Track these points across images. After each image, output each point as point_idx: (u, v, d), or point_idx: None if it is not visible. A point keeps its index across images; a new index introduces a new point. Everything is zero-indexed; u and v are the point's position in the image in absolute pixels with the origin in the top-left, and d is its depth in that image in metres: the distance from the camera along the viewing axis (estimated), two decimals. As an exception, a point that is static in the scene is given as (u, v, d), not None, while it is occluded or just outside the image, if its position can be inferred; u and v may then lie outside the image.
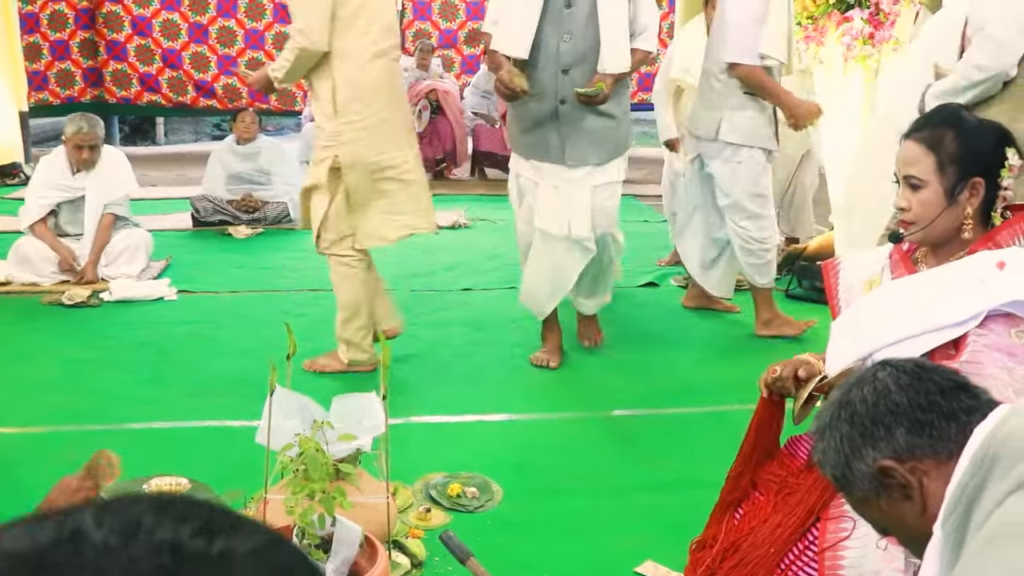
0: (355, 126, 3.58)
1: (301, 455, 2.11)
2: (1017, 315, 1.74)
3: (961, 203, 1.89)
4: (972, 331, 1.76)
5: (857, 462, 1.33)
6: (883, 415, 1.31)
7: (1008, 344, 1.72)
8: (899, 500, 1.31)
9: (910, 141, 1.95)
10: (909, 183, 1.94)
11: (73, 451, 3.08)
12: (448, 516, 2.69)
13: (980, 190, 1.89)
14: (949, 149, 1.89)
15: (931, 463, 1.27)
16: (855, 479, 1.34)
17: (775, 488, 2.00)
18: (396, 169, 3.67)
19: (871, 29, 4.98)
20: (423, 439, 3.26)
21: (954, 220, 1.91)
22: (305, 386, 2.33)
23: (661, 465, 3.08)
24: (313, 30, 3.48)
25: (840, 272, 2.15)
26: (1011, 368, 1.69)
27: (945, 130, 1.92)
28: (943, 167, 1.90)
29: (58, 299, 4.87)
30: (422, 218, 3.81)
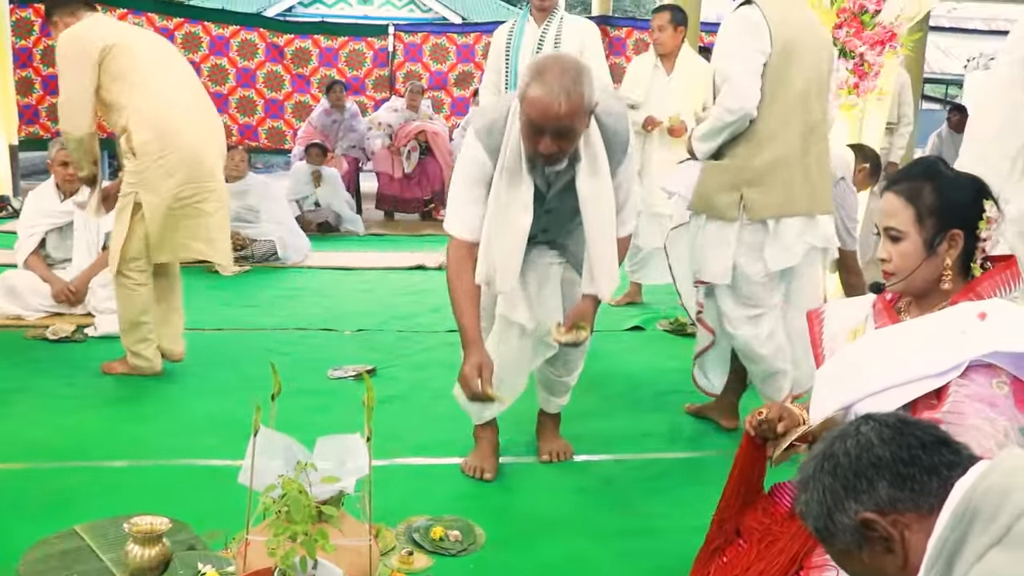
0: (153, 164, 3.96)
1: (284, 496, 2.09)
2: (998, 365, 1.75)
3: (940, 254, 1.92)
4: (954, 381, 1.78)
5: (839, 514, 1.34)
6: (866, 468, 1.33)
7: (989, 394, 1.74)
8: (881, 553, 1.31)
9: (890, 194, 1.99)
10: (889, 235, 1.97)
11: (52, 488, 3.06)
12: (430, 560, 2.67)
13: (959, 241, 1.92)
14: (927, 201, 1.93)
15: (913, 517, 1.29)
16: (837, 531, 1.35)
17: (758, 536, 2.00)
18: (194, 199, 4.09)
19: (856, 79, 5.06)
20: (406, 481, 3.24)
21: (934, 271, 1.93)
22: (289, 426, 2.32)
23: (644, 511, 3.07)
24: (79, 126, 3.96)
25: (824, 321, 2.17)
26: (992, 419, 1.70)
27: (923, 183, 1.95)
28: (922, 219, 1.93)
29: (42, 334, 4.85)
30: (213, 249, 4.29)
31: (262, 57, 11.25)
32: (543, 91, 2.68)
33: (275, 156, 13.55)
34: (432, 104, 11.12)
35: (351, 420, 3.45)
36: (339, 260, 7.40)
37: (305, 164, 8.88)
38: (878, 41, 4.98)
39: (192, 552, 2.55)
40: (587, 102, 2.74)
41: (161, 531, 2.46)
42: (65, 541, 2.65)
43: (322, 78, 11.18)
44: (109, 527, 2.71)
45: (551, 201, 3.07)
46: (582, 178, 2.93)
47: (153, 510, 2.61)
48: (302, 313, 5.62)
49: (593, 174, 2.93)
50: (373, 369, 4.44)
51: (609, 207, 2.99)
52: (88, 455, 3.36)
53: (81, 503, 2.95)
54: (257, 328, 5.24)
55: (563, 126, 2.73)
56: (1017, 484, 1.20)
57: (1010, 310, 1.80)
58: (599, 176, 2.93)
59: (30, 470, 3.22)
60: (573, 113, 2.71)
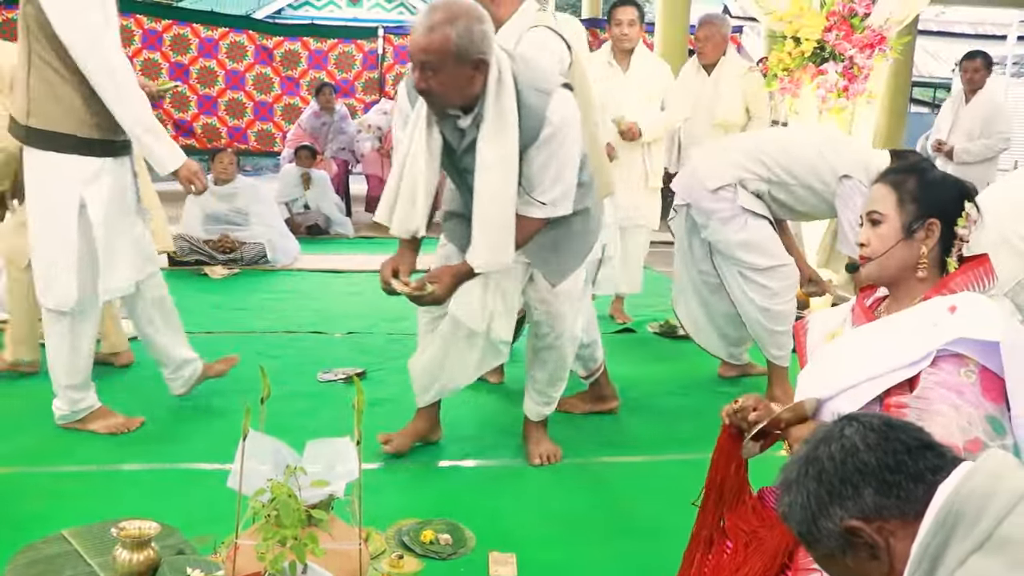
0: None
1: (273, 500, 2.08)
2: (966, 355, 1.79)
3: (917, 240, 1.96)
4: (924, 370, 1.82)
5: (824, 520, 1.33)
6: (851, 474, 1.32)
7: (957, 382, 1.78)
8: (866, 559, 1.31)
9: (877, 183, 2.05)
10: (871, 218, 2.03)
11: (39, 493, 3.04)
12: (421, 563, 2.66)
13: (935, 231, 1.96)
14: (910, 188, 1.99)
15: (898, 523, 1.28)
16: (821, 536, 1.35)
17: (745, 538, 2.01)
18: None
19: (845, 82, 5.08)
20: (396, 485, 3.24)
21: (909, 257, 1.97)
22: (279, 430, 2.31)
23: (636, 513, 3.07)
24: None
25: (808, 332, 2.22)
26: (958, 406, 1.75)
27: (910, 174, 2.02)
28: (903, 203, 1.98)
29: (30, 337, 4.82)
30: None
31: (251, 59, 11.24)
32: (418, 22, 2.78)
33: (264, 159, 13.56)
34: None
35: (341, 423, 3.44)
36: (328, 263, 7.39)
37: (294, 167, 8.87)
38: (867, 44, 5.00)
39: (181, 557, 2.53)
40: (455, 45, 2.75)
41: (150, 535, 2.45)
42: (53, 546, 2.63)
43: (311, 80, 11.18)
44: (97, 532, 2.69)
45: (464, 160, 3.03)
46: (483, 138, 2.90)
47: (142, 514, 2.60)
48: (291, 316, 5.61)
49: (495, 139, 2.89)
50: (363, 372, 4.43)
51: (509, 177, 2.92)
52: (76, 459, 3.34)
53: (69, 507, 2.93)
54: (246, 331, 5.22)
55: (424, 59, 2.78)
56: (999, 488, 1.20)
57: (980, 302, 1.85)
58: (503, 143, 2.89)
59: (17, 474, 3.20)
60: (431, 48, 2.75)
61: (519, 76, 2.90)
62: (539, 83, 2.93)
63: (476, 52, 2.79)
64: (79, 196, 3.34)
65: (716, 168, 4.04)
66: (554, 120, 2.91)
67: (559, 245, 3.22)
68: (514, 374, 4.51)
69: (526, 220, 3.01)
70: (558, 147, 2.95)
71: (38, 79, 3.27)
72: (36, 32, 3.23)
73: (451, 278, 3.05)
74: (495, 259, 3.00)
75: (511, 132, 2.89)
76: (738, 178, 3.96)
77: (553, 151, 2.95)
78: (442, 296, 3.05)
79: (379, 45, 11.83)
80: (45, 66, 3.25)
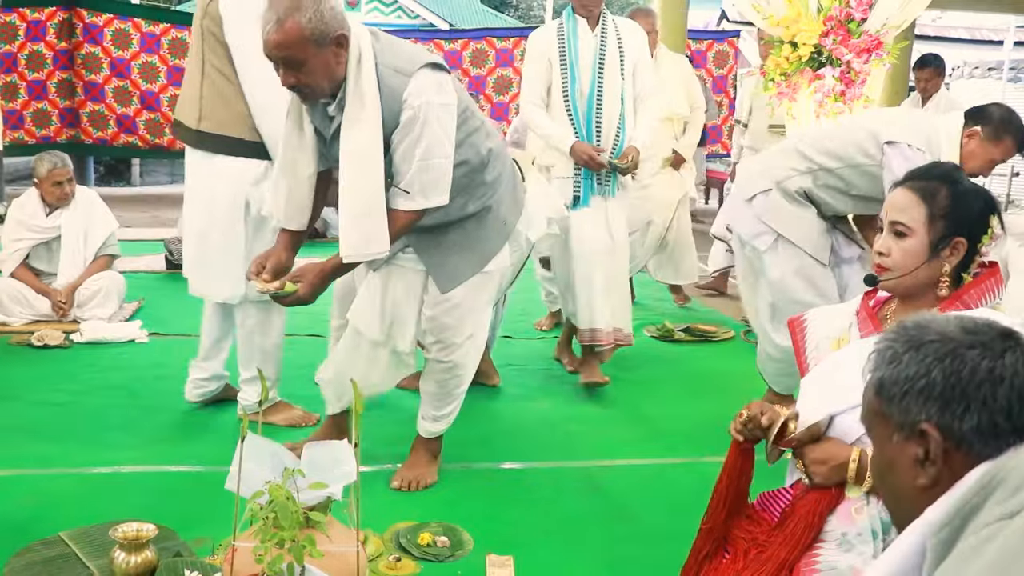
0: None
1: (271, 503, 2.09)
2: None
3: (941, 259, 1.92)
4: None
5: (915, 403, 1.23)
6: (974, 396, 1.20)
7: None
8: (909, 459, 1.24)
9: (904, 189, 1.98)
10: (895, 229, 1.96)
11: (37, 495, 3.04)
12: (418, 566, 2.66)
13: (961, 251, 1.92)
14: (942, 203, 1.93)
15: (964, 460, 1.20)
16: (895, 407, 1.26)
17: (744, 546, 2.00)
18: None
19: (842, 87, 5.09)
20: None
21: (931, 275, 1.93)
22: (276, 433, 2.31)
23: (633, 516, 3.08)
24: None
25: (807, 329, 2.16)
26: None
27: (940, 185, 1.95)
28: (933, 219, 1.93)
29: (27, 340, 4.82)
30: None
31: (249, 63, 11.23)
32: (264, 19, 2.63)
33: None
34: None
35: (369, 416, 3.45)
36: (326, 266, 7.36)
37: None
38: (864, 49, 5.01)
39: (178, 559, 2.53)
40: (308, 31, 2.61)
41: (147, 538, 2.45)
42: (51, 548, 2.63)
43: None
44: (95, 534, 2.69)
45: (334, 148, 2.88)
46: (344, 124, 2.77)
47: (140, 516, 2.60)
48: (289, 318, 5.58)
49: (356, 124, 2.75)
50: (360, 375, 4.42)
51: (372, 162, 2.75)
52: (74, 461, 3.34)
53: (67, 510, 2.93)
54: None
55: (283, 56, 2.65)
56: None
57: (996, 319, 1.81)
58: (364, 128, 2.74)
59: (15, 476, 3.20)
60: (288, 42, 2.61)
61: (379, 56, 2.76)
62: (400, 63, 2.77)
63: (333, 30, 2.67)
64: (245, 196, 3.48)
65: (751, 176, 3.83)
66: (414, 103, 2.74)
67: (451, 248, 3.07)
68: (512, 378, 4.52)
69: (396, 213, 2.83)
70: (420, 131, 2.76)
71: (210, 86, 3.44)
72: (211, 41, 3.41)
73: (316, 276, 2.85)
74: (365, 248, 2.80)
75: (373, 116, 2.74)
76: (775, 180, 3.69)
77: (415, 136, 2.76)
78: (306, 297, 2.85)
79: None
80: (217, 74, 3.41)
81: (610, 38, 4.19)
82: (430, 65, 2.81)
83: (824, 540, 1.88)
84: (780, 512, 2.02)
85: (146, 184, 14.37)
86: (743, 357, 5.18)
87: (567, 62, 4.17)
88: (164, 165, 14.78)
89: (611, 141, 4.21)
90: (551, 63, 4.21)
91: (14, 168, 11.59)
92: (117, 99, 10.85)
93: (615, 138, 4.21)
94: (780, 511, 2.03)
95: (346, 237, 2.81)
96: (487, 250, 3.14)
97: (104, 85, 10.76)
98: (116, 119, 10.90)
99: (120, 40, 10.71)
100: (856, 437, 1.91)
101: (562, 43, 4.20)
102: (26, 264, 5.21)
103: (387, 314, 3.10)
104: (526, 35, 12.47)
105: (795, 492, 2.02)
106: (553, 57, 4.20)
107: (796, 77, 5.27)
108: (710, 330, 5.59)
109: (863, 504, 1.87)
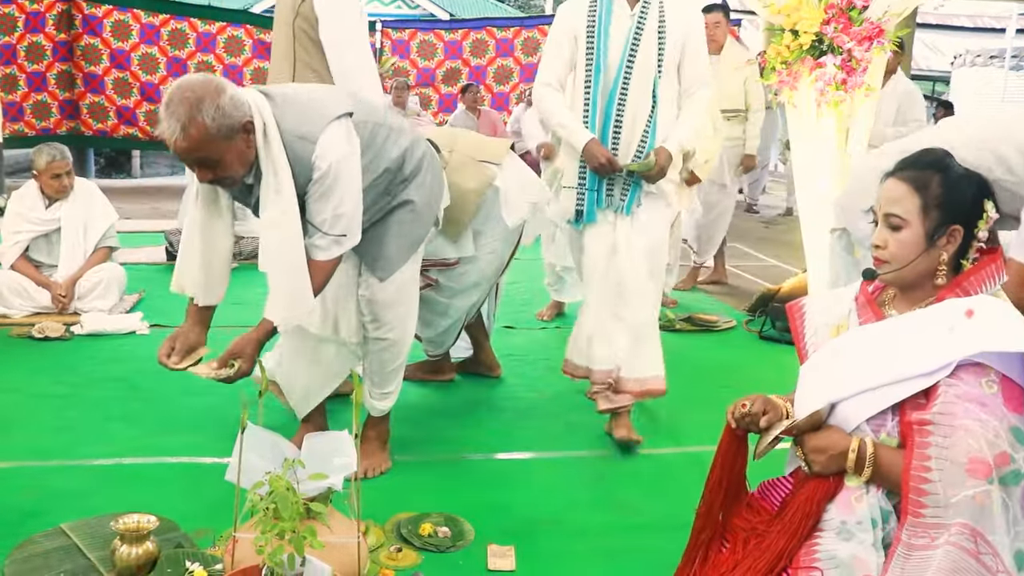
0: None
1: (271, 494, 2.09)
2: (986, 364, 1.75)
3: (938, 248, 1.91)
4: (943, 381, 1.78)
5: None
6: None
7: (979, 394, 1.74)
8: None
9: (895, 180, 1.96)
10: (890, 222, 1.95)
11: (38, 487, 3.04)
12: (419, 556, 2.66)
13: (958, 238, 1.90)
14: (935, 192, 1.91)
15: None
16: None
17: (743, 536, 2.00)
18: None
19: (844, 75, 5.06)
20: (395, 478, 3.24)
21: (929, 265, 1.92)
22: (277, 424, 2.31)
23: (634, 506, 3.07)
24: None
25: (806, 315, 2.15)
26: (983, 420, 1.70)
27: (932, 174, 1.93)
28: (927, 209, 1.91)
29: (27, 332, 4.82)
30: None
31: (249, 54, 11.23)
32: (165, 126, 2.59)
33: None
34: (420, 101, 11.09)
35: (339, 417, 3.46)
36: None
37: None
38: (866, 37, 4.98)
39: (179, 550, 2.53)
40: (214, 129, 2.59)
41: (148, 529, 2.45)
42: (52, 540, 2.63)
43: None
44: (96, 525, 2.69)
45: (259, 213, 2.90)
46: (262, 197, 2.80)
47: (140, 508, 2.60)
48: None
49: (274, 195, 2.77)
50: (361, 366, 4.42)
51: (292, 229, 2.79)
52: (75, 453, 3.34)
53: (68, 501, 2.93)
54: (244, 325, 5.19)
55: (196, 158, 2.64)
56: None
57: (997, 307, 1.80)
58: (281, 198, 2.77)
59: (16, 468, 3.20)
60: (196, 146, 2.60)
61: (282, 123, 2.76)
62: (304, 129, 2.79)
63: (238, 120, 2.65)
64: None
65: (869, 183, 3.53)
66: (322, 165, 2.78)
67: (386, 241, 3.12)
68: (513, 368, 4.52)
69: (316, 264, 2.86)
70: (331, 186, 2.81)
71: (300, 81, 3.59)
72: (303, 40, 3.61)
73: (254, 347, 2.85)
74: (295, 311, 2.86)
75: (287, 183, 2.77)
76: None
77: (326, 190, 2.81)
78: (249, 370, 2.82)
79: (377, 39, 11.80)
80: (309, 71, 3.60)
81: (650, 18, 3.43)
82: (335, 120, 2.83)
83: (823, 529, 1.88)
84: (780, 501, 2.02)
85: (146, 176, 14.37)
86: (744, 347, 5.19)
87: (594, 46, 3.46)
88: (164, 157, 14.76)
89: (632, 150, 3.46)
90: (576, 41, 3.52)
91: (14, 160, 11.59)
92: (117, 90, 10.85)
93: (639, 146, 3.45)
94: (780, 500, 2.02)
95: (275, 303, 2.84)
96: (418, 235, 3.22)
97: (104, 76, 10.75)
98: (116, 111, 10.89)
99: (119, 31, 10.70)
100: (856, 425, 1.91)
101: (592, 18, 3.47)
102: (26, 256, 5.21)
103: (330, 311, 3.19)
104: (527, 25, 12.52)
105: (795, 481, 2.02)
106: (580, 34, 3.50)
107: (797, 65, 5.25)
108: (711, 320, 5.59)
109: (863, 493, 1.87)
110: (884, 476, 1.84)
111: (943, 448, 1.71)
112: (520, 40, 12.14)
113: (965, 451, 1.69)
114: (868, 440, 1.86)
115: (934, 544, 1.68)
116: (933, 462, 1.71)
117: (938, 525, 1.69)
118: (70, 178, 5.20)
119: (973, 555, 1.65)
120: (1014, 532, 1.69)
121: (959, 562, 1.65)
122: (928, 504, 1.70)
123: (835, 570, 1.78)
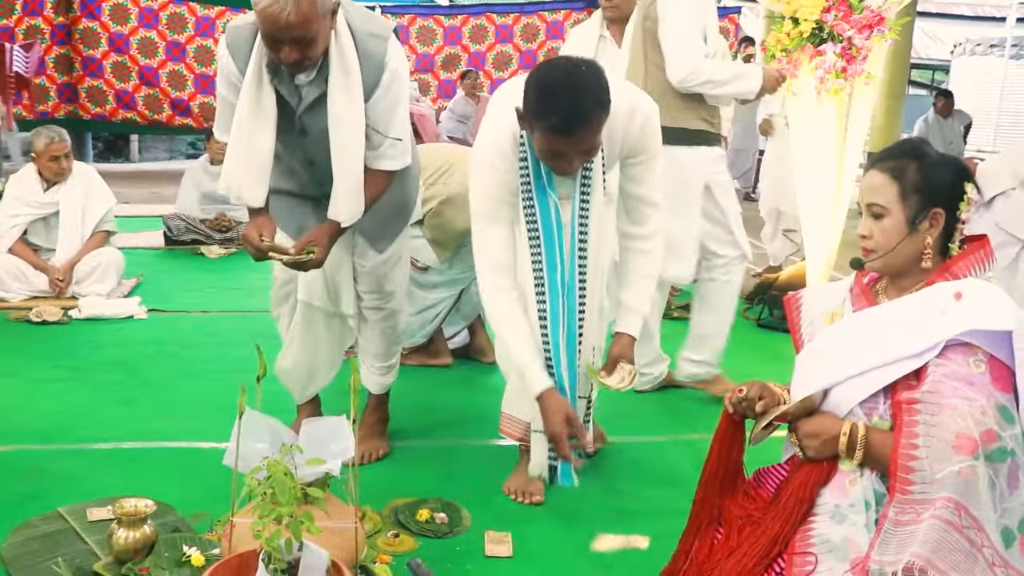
0: None
1: (269, 478, 2.09)
2: (974, 344, 1.77)
3: (921, 232, 1.94)
4: (932, 361, 1.80)
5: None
6: None
7: (967, 373, 1.76)
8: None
9: (874, 170, 2.00)
10: (872, 211, 1.98)
11: (36, 471, 3.05)
12: (417, 542, 2.67)
13: (940, 221, 1.94)
14: (912, 179, 1.94)
15: None
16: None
17: (739, 524, 2.01)
18: None
19: (843, 63, 5.05)
20: (393, 464, 3.24)
21: (914, 249, 1.95)
22: (275, 409, 2.31)
23: (631, 493, 3.08)
24: None
25: (802, 306, 2.19)
26: (971, 398, 1.73)
27: (909, 161, 1.96)
28: (906, 195, 1.94)
29: (25, 316, 4.82)
30: None
31: (248, 38, 11.18)
32: (271, 4, 2.49)
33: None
34: (419, 86, 11.06)
35: (336, 402, 3.46)
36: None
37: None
38: (866, 25, 4.97)
39: (177, 535, 2.54)
40: (318, 5, 2.55)
41: (146, 513, 2.45)
42: (49, 523, 2.64)
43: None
44: (93, 508, 2.70)
45: (304, 120, 2.83)
46: (334, 93, 2.70)
47: (138, 492, 2.60)
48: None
49: (345, 91, 2.71)
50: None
51: (359, 130, 2.75)
52: (72, 437, 3.35)
53: (65, 485, 2.94)
54: (242, 311, 5.21)
55: (297, 35, 2.55)
56: None
57: (985, 288, 1.83)
58: (351, 96, 2.71)
59: (14, 452, 3.21)
60: (306, 20, 2.53)
61: (352, 22, 2.72)
62: (374, 28, 2.77)
63: (331, 2, 2.62)
64: (704, 180, 3.83)
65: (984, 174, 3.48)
66: (391, 66, 2.76)
67: (385, 214, 3.09)
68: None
69: (377, 175, 2.86)
70: (399, 93, 2.82)
71: (654, 83, 3.69)
72: (651, 41, 3.74)
73: (328, 239, 2.84)
74: (356, 212, 2.84)
75: (356, 84, 2.72)
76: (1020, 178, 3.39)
77: (395, 97, 2.81)
78: (323, 259, 2.84)
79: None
80: (658, 70, 3.71)
81: None
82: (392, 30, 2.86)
83: (817, 514, 1.90)
84: (775, 488, 2.03)
85: (145, 160, 14.34)
86: (741, 334, 5.18)
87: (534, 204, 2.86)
88: (163, 141, 14.73)
89: None
90: None
91: (12, 144, 11.55)
92: (115, 74, 10.81)
93: None
94: (775, 487, 2.04)
95: (343, 203, 2.81)
96: (411, 204, 3.22)
97: (102, 60, 10.72)
98: (115, 94, 10.86)
99: (118, 15, 10.66)
100: (848, 410, 1.93)
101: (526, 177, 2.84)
102: (24, 240, 5.21)
103: (330, 282, 3.16)
104: (526, 11, 12.48)
105: (790, 467, 2.04)
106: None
107: (797, 53, 5.24)
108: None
109: (857, 476, 1.89)
110: (875, 458, 1.86)
111: (931, 426, 1.73)
112: (519, 26, 12.11)
113: (952, 428, 1.70)
114: (860, 423, 1.89)
115: (919, 519, 1.70)
116: (921, 439, 1.73)
117: (924, 501, 1.71)
118: (68, 161, 5.19)
119: (957, 528, 1.67)
120: (1001, 509, 1.71)
121: (943, 536, 1.67)
122: (915, 481, 1.72)
123: (829, 553, 1.80)
